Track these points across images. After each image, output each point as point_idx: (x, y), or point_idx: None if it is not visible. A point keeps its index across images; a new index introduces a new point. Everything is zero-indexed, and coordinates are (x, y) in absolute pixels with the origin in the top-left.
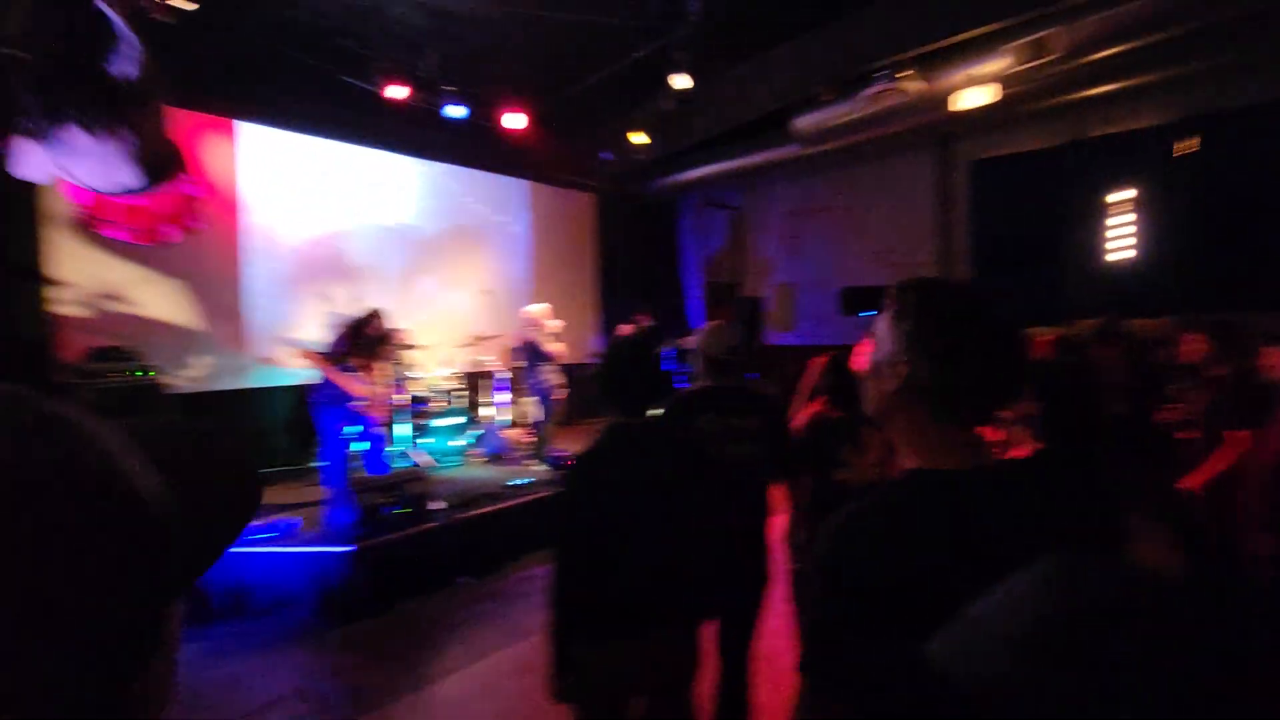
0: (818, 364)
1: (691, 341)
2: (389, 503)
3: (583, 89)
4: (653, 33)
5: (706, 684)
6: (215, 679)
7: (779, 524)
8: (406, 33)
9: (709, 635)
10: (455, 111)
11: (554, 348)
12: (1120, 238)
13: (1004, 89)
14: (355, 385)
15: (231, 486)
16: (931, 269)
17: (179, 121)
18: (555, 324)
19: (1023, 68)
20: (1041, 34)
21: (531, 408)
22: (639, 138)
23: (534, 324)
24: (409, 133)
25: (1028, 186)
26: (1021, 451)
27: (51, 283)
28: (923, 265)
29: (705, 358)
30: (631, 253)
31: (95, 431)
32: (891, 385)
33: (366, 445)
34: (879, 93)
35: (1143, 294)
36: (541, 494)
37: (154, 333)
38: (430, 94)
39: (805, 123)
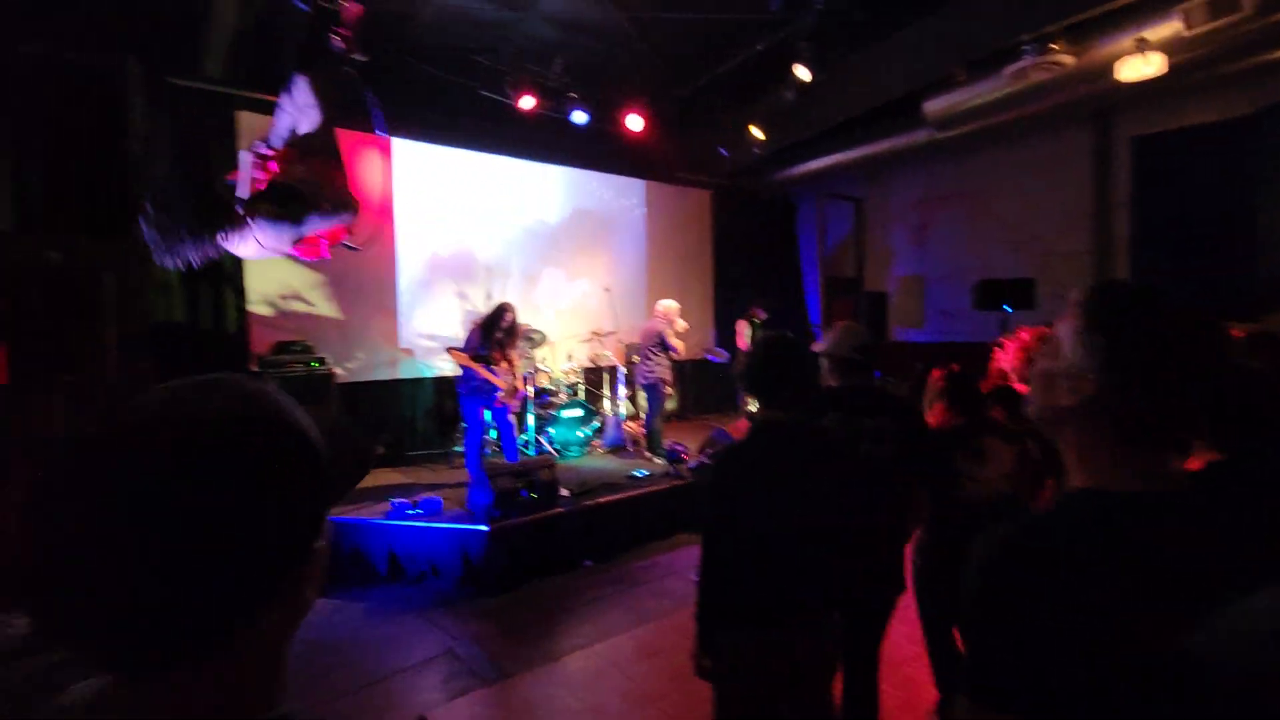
0: (936, 377)
1: (820, 343)
2: (521, 487)
3: (699, 86)
4: (773, 26)
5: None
6: (378, 636)
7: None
8: (534, 45)
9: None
10: (579, 117)
11: (677, 344)
12: None
13: (1177, 55)
14: (494, 377)
15: (353, 450)
16: (1085, 258)
17: (344, 142)
18: (682, 324)
19: (1203, 29)
20: None
21: (642, 401)
22: (757, 132)
23: (666, 318)
24: (537, 139)
25: (1207, 163)
26: (1195, 463)
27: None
28: (1074, 254)
29: (833, 357)
30: (747, 248)
31: (282, 399)
32: (1069, 401)
33: (500, 433)
34: (1025, 68)
35: None
36: (660, 486)
37: (324, 329)
38: (556, 102)
39: (938, 105)
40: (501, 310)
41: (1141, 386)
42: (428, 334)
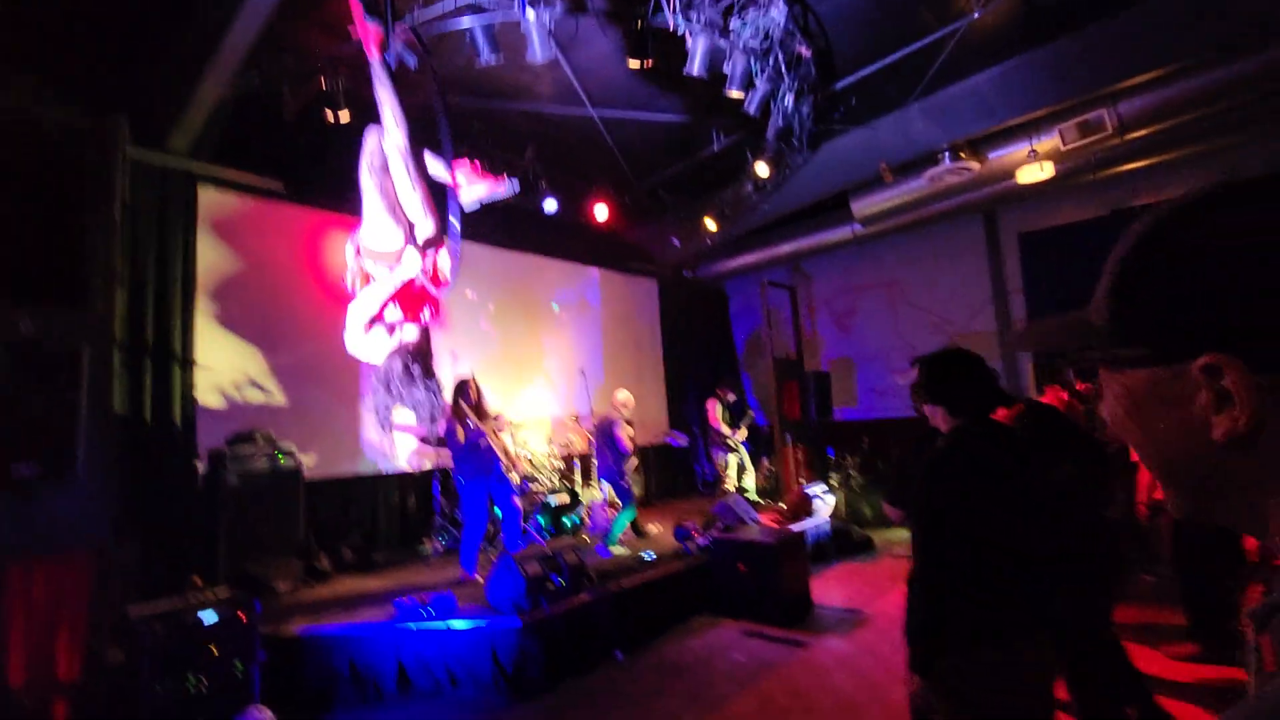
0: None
1: None
2: (551, 573)
3: (654, 181)
4: (738, 127)
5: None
6: None
7: None
8: (506, 134)
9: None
10: (550, 205)
11: (628, 444)
12: None
13: (1058, 164)
14: (497, 445)
15: None
16: (993, 337)
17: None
18: (630, 428)
19: (1075, 145)
20: (1091, 115)
21: (609, 490)
22: (711, 223)
23: (628, 406)
24: (486, 223)
25: (1078, 254)
26: None
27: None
28: (984, 334)
29: None
30: (693, 335)
31: None
32: None
33: (504, 517)
34: (941, 173)
35: None
36: (677, 567)
37: (279, 419)
38: (526, 189)
39: (865, 205)
40: (463, 384)
41: None
42: (399, 424)
